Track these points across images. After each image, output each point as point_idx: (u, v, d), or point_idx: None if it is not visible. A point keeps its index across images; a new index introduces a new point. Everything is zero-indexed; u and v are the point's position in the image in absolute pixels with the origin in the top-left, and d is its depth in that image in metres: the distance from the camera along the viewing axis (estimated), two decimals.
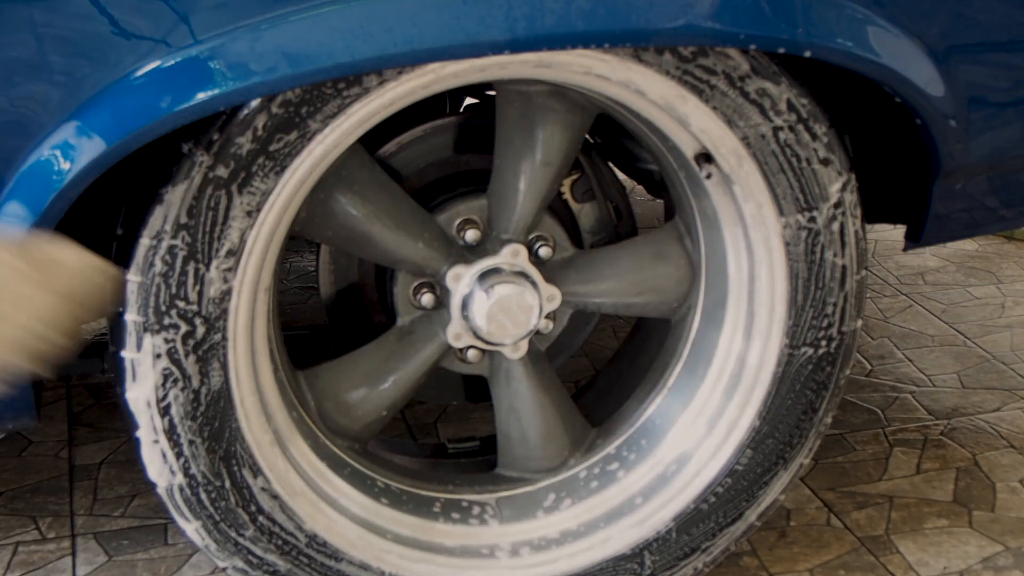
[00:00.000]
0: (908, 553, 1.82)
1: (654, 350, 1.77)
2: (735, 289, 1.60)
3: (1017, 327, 2.59)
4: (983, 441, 2.14)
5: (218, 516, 1.44)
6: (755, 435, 1.61)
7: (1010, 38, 1.53)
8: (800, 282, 1.54)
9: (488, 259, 1.57)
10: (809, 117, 1.45)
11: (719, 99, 1.41)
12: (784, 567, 1.80)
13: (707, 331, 1.66)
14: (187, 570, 1.80)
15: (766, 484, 1.64)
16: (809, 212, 1.50)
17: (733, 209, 1.54)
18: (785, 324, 1.56)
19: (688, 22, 1.31)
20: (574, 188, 1.76)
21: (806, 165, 1.47)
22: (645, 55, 1.36)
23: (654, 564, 1.64)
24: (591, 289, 1.68)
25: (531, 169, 1.57)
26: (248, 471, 1.43)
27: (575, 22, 1.27)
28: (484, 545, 1.62)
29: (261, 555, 1.48)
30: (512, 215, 1.59)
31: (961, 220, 1.67)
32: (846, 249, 1.54)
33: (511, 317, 1.55)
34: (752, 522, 1.66)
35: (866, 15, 1.38)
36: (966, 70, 1.48)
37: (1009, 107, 1.57)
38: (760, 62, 1.40)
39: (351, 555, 1.53)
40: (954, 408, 2.26)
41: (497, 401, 1.68)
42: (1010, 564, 1.80)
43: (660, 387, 1.69)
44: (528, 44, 1.28)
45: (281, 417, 1.50)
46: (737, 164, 1.47)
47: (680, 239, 1.67)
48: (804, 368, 1.59)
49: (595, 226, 1.78)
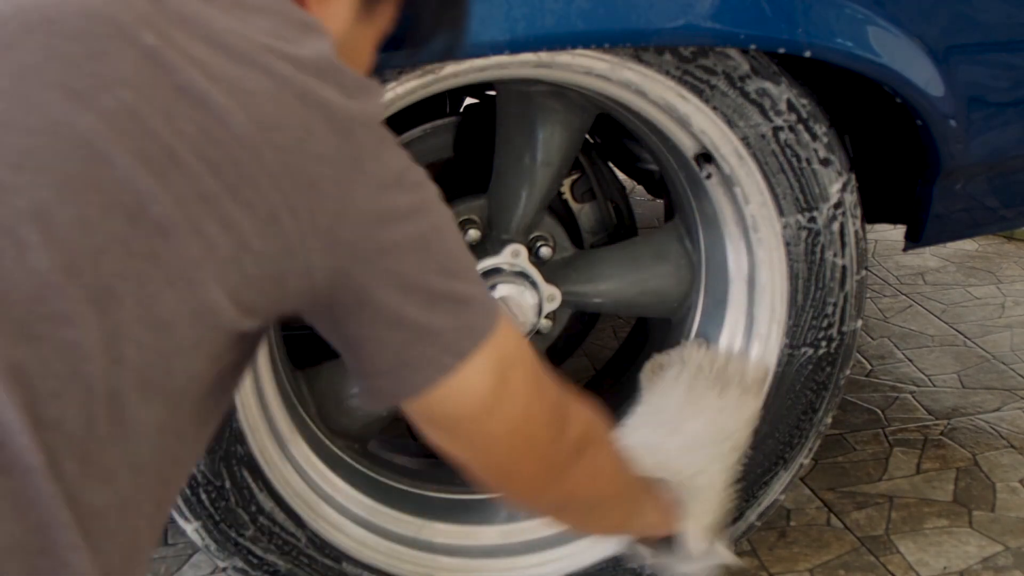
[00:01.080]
0: (908, 553, 1.82)
1: (654, 350, 1.77)
2: (735, 289, 1.60)
3: (1017, 327, 2.59)
4: (983, 441, 2.14)
5: (218, 516, 1.44)
6: (755, 435, 1.61)
7: (1010, 38, 1.53)
8: (800, 282, 1.54)
9: (488, 259, 1.57)
10: (809, 117, 1.45)
11: (719, 99, 1.41)
12: (784, 567, 1.80)
13: (707, 331, 1.66)
14: (187, 570, 1.80)
15: (766, 484, 1.64)
16: (809, 212, 1.50)
17: (733, 209, 1.54)
18: (785, 324, 1.56)
19: (688, 22, 1.31)
20: (574, 188, 1.76)
21: (806, 165, 1.47)
22: (645, 55, 1.36)
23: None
24: (591, 289, 1.68)
25: (531, 169, 1.57)
26: (248, 471, 1.43)
27: (575, 22, 1.27)
28: (485, 545, 1.62)
29: (261, 555, 1.48)
30: (512, 215, 1.59)
31: (961, 220, 1.67)
32: (846, 249, 1.54)
33: (511, 317, 1.55)
34: (752, 522, 1.66)
35: (866, 15, 1.38)
36: (966, 70, 1.48)
37: (1009, 107, 1.57)
38: (760, 62, 1.40)
39: (351, 555, 1.53)
40: (954, 408, 2.26)
41: None
42: (1010, 564, 1.79)
43: None
44: (528, 44, 1.28)
45: (281, 417, 1.50)
46: (737, 164, 1.47)
47: (680, 239, 1.67)
48: (804, 368, 1.59)
49: (595, 226, 1.78)
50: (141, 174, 0.71)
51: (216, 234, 0.74)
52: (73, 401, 0.69)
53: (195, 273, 0.73)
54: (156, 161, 0.72)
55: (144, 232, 0.71)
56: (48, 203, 0.69)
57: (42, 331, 0.68)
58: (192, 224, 0.73)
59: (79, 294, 0.69)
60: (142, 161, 0.71)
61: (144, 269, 0.72)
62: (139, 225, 0.71)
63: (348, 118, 0.79)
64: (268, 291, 0.78)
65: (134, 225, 0.71)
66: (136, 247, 0.71)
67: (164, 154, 0.72)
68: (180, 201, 0.72)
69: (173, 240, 0.72)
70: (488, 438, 0.93)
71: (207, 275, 0.74)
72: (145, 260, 0.72)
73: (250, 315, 0.78)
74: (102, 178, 0.71)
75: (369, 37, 0.98)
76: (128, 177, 0.71)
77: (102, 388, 0.70)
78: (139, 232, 0.71)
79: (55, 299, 0.69)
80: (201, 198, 0.73)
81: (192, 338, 0.75)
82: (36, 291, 0.68)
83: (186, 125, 0.73)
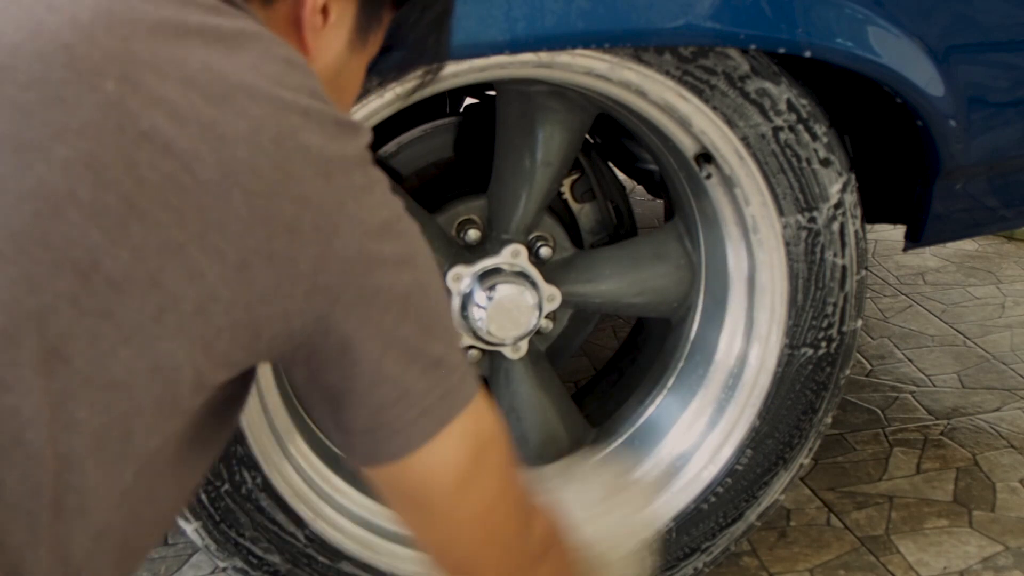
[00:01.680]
0: (908, 553, 1.82)
1: (654, 350, 1.77)
2: (735, 289, 1.60)
3: (1017, 327, 2.59)
4: (983, 441, 2.13)
5: (218, 516, 1.44)
6: (755, 435, 1.61)
7: (1010, 38, 1.52)
8: (800, 282, 1.54)
9: (488, 259, 1.57)
10: (809, 117, 1.45)
11: (719, 99, 1.41)
12: (784, 567, 1.80)
13: (707, 331, 1.66)
14: (187, 570, 1.80)
15: (766, 484, 1.64)
16: (809, 212, 1.50)
17: (733, 209, 1.54)
18: (785, 324, 1.56)
19: (688, 22, 1.31)
20: (574, 188, 1.76)
21: (806, 165, 1.47)
22: (645, 55, 1.36)
23: (654, 564, 1.64)
24: (591, 289, 1.68)
25: (531, 169, 1.57)
26: (248, 471, 1.43)
27: (575, 22, 1.27)
28: None
29: (261, 555, 1.48)
30: (512, 215, 1.59)
31: (961, 220, 1.66)
32: (846, 249, 1.54)
33: (511, 317, 1.54)
34: (752, 522, 1.66)
35: (866, 15, 1.38)
36: (966, 70, 1.48)
37: (1009, 107, 1.57)
38: (760, 62, 1.40)
39: (351, 555, 1.53)
40: (954, 408, 2.25)
41: (497, 401, 1.68)
42: (1010, 564, 1.79)
43: (660, 387, 1.69)
44: (528, 44, 1.27)
45: (281, 417, 1.50)
46: (737, 164, 1.47)
47: (680, 239, 1.67)
48: (804, 368, 1.59)
49: (595, 226, 1.78)
50: (94, 228, 0.67)
51: (179, 285, 0.70)
52: (15, 469, 0.66)
53: (152, 328, 0.70)
54: (113, 213, 0.68)
55: (96, 288, 0.68)
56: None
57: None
58: (151, 277, 0.69)
59: (21, 358, 0.66)
60: (96, 213, 0.68)
61: (96, 327, 0.68)
62: (91, 281, 0.68)
63: (330, 159, 0.75)
64: (241, 340, 0.74)
65: (85, 282, 0.67)
66: (87, 304, 0.68)
67: (123, 204, 0.68)
68: (137, 254, 0.69)
69: (128, 295, 0.69)
70: (457, 518, 0.88)
71: (167, 330, 0.70)
72: (97, 317, 0.68)
73: (224, 367, 0.75)
74: (51, 234, 0.67)
75: (362, 63, 0.95)
76: (80, 232, 0.67)
77: (48, 454, 0.67)
78: (91, 288, 0.68)
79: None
80: (162, 249, 0.69)
81: (152, 397, 0.71)
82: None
83: (149, 173, 0.69)
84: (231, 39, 0.75)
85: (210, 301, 0.71)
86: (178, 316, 0.70)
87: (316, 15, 0.87)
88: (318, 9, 0.87)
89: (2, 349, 0.66)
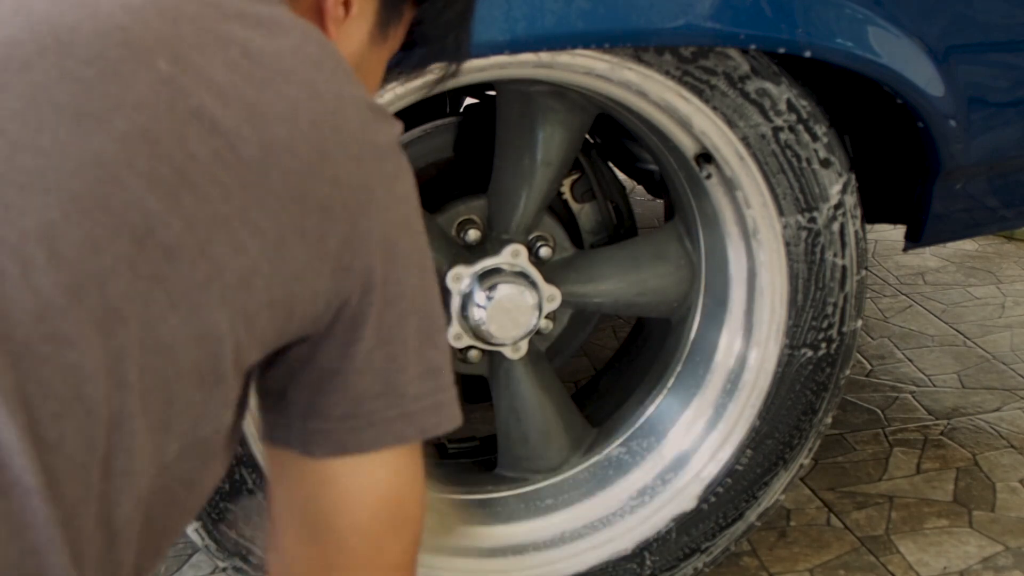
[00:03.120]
0: (908, 553, 1.82)
1: (654, 350, 1.77)
2: (735, 289, 1.60)
3: (1017, 327, 2.59)
4: (983, 441, 2.14)
5: (218, 516, 1.44)
6: (755, 435, 1.61)
7: (1010, 38, 1.53)
8: (800, 282, 1.54)
9: (488, 259, 1.57)
10: (809, 117, 1.45)
11: (719, 99, 1.41)
12: (784, 567, 1.80)
13: (707, 331, 1.66)
14: (187, 570, 1.79)
15: (766, 484, 1.64)
16: (809, 212, 1.50)
17: (733, 210, 1.54)
18: (785, 324, 1.56)
19: (688, 22, 1.31)
20: (574, 188, 1.76)
21: (806, 165, 1.47)
22: (645, 55, 1.36)
23: (654, 564, 1.64)
24: (591, 289, 1.68)
25: (531, 169, 1.57)
26: (248, 471, 1.43)
27: (575, 22, 1.27)
28: (484, 546, 1.62)
29: (261, 555, 1.48)
30: (512, 215, 1.59)
31: (961, 220, 1.67)
32: (846, 249, 1.54)
33: (511, 317, 1.54)
34: (752, 522, 1.66)
35: (866, 15, 1.38)
36: (966, 70, 1.48)
37: (1009, 107, 1.57)
38: (760, 62, 1.40)
39: None
40: (954, 408, 2.25)
41: (497, 401, 1.68)
42: (1010, 564, 1.79)
43: (660, 387, 1.69)
44: (528, 44, 1.28)
45: None
46: (737, 164, 1.47)
47: (680, 239, 1.67)
48: (804, 368, 1.59)
49: (595, 226, 1.78)
50: (150, 196, 0.71)
51: (225, 257, 0.73)
52: (74, 423, 0.69)
53: (200, 296, 0.73)
54: (167, 183, 0.71)
55: (151, 254, 0.71)
56: (55, 224, 0.68)
57: (44, 352, 0.68)
58: (200, 247, 0.72)
59: (83, 316, 0.69)
60: (152, 183, 0.71)
61: (149, 291, 0.71)
62: (146, 247, 0.71)
63: (363, 144, 0.80)
64: (278, 319, 0.77)
65: (141, 247, 0.71)
66: (142, 269, 0.71)
67: (176, 176, 0.72)
68: (189, 224, 0.72)
69: (179, 263, 0.72)
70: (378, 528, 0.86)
71: (212, 299, 0.73)
72: (150, 282, 0.71)
73: (259, 346, 0.77)
74: (111, 199, 0.70)
75: (382, 58, 0.97)
76: (137, 199, 0.70)
77: (104, 411, 0.70)
78: (146, 254, 0.71)
79: (58, 320, 0.68)
80: (211, 221, 0.73)
81: (194, 364, 0.74)
82: (39, 312, 0.68)
83: (198, 148, 0.72)
84: (269, 24, 0.79)
85: (252, 275, 0.74)
86: (223, 286, 0.73)
87: (339, 7, 0.90)
88: (341, 1, 0.90)
89: (68, 306, 0.68)
